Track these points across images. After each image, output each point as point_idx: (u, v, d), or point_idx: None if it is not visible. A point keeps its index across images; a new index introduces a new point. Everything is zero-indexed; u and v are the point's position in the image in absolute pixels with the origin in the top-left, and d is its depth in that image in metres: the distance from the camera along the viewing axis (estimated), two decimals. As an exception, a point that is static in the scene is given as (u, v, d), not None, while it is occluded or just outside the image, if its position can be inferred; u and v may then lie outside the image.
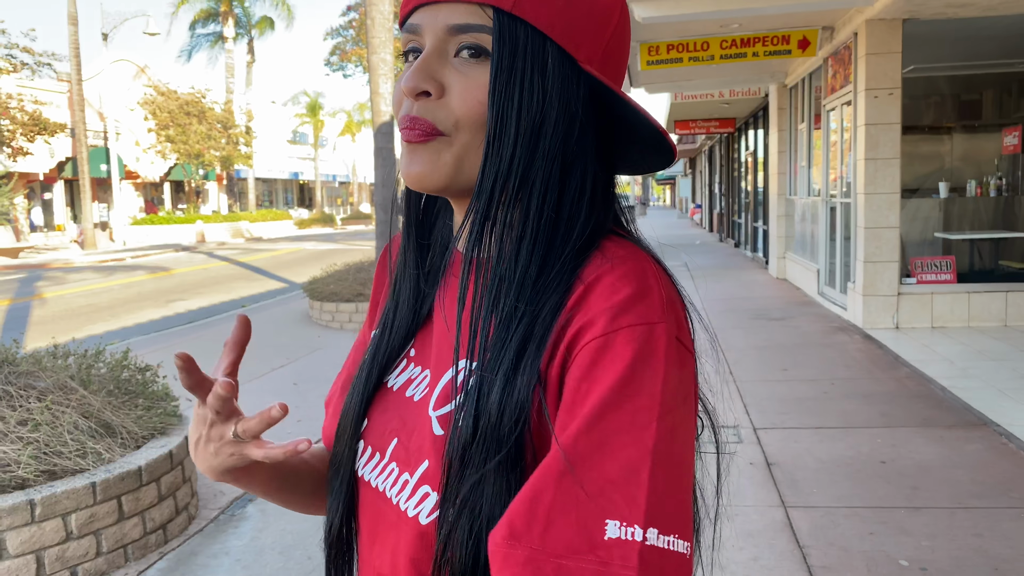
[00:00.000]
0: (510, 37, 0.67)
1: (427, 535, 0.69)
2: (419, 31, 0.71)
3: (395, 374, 0.80)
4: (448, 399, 0.70)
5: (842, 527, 3.47)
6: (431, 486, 0.69)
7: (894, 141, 7.72)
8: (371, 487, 0.76)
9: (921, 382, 5.81)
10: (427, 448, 0.70)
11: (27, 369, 3.89)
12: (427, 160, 0.70)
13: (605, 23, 0.71)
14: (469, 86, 0.69)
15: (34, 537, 3.08)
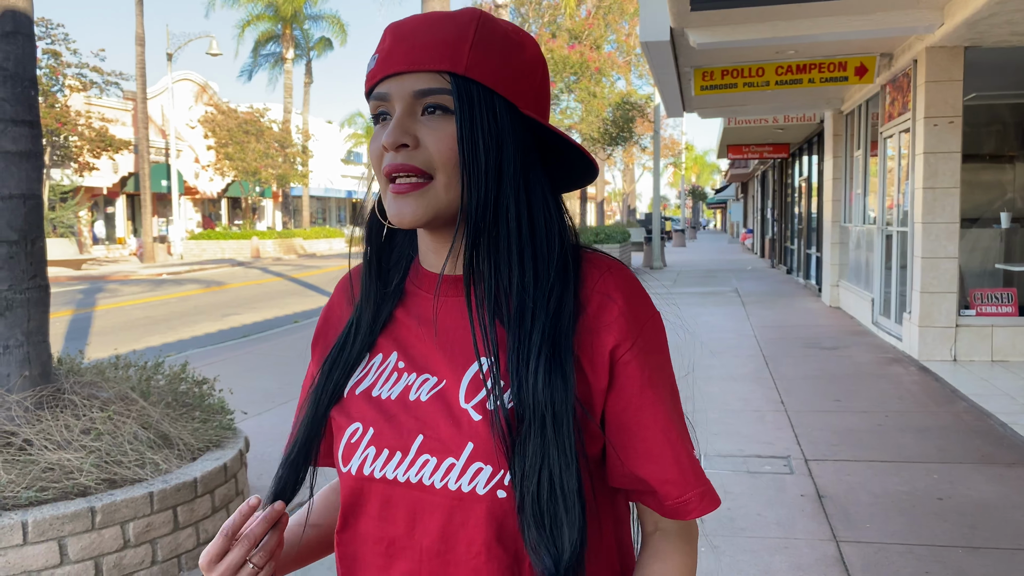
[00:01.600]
0: (467, 94, 0.84)
1: (486, 502, 0.81)
2: (388, 98, 0.87)
3: (385, 386, 0.91)
4: (477, 391, 0.84)
5: (896, 564, 3.39)
6: (482, 461, 0.81)
7: (954, 170, 7.58)
8: (399, 483, 0.85)
9: (980, 417, 5.66)
10: (467, 433, 0.83)
11: (91, 379, 4.02)
12: (416, 204, 0.85)
13: (531, 78, 0.90)
14: (440, 136, 0.85)
15: (93, 544, 3.17)
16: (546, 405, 0.80)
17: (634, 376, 0.86)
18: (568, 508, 0.79)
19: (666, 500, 0.86)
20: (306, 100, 40.03)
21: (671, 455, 0.86)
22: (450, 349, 0.88)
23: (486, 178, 0.85)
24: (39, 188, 3.83)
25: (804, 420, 5.66)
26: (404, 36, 0.86)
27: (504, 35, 0.88)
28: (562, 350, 0.83)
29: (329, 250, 36.97)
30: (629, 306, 0.87)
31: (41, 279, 3.82)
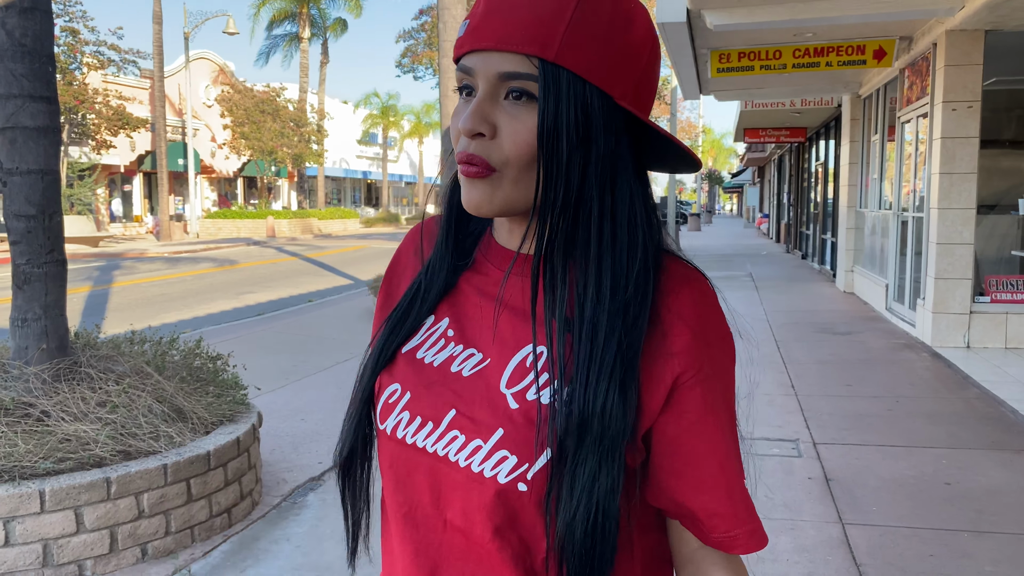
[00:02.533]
0: (554, 84, 0.77)
1: (505, 492, 0.79)
2: (472, 73, 0.80)
3: (430, 350, 0.89)
4: (520, 380, 0.82)
5: (901, 546, 3.41)
6: (509, 450, 0.79)
7: (971, 156, 7.51)
8: (427, 452, 0.84)
9: (991, 404, 5.64)
10: (500, 418, 0.81)
11: (107, 353, 4.08)
12: (483, 193, 0.81)
13: (635, 62, 0.81)
14: (518, 128, 0.79)
15: (109, 513, 3.23)
16: (607, 429, 0.77)
17: (695, 403, 0.81)
18: (606, 531, 0.78)
19: (712, 532, 0.83)
20: (322, 80, 40.03)
21: (724, 489, 0.82)
22: (506, 330, 0.85)
23: (566, 178, 0.79)
24: (56, 164, 3.88)
25: (814, 404, 5.67)
26: (498, 6, 0.79)
27: (611, 11, 0.79)
28: (632, 374, 0.79)
29: (344, 231, 37.08)
30: (702, 330, 0.82)
31: (58, 254, 3.87)
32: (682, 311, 0.82)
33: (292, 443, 4.89)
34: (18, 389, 3.57)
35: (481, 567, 0.82)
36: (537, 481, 0.78)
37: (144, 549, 3.34)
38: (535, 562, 0.81)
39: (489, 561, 0.82)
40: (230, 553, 3.47)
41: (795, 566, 3.24)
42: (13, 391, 3.56)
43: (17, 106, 3.71)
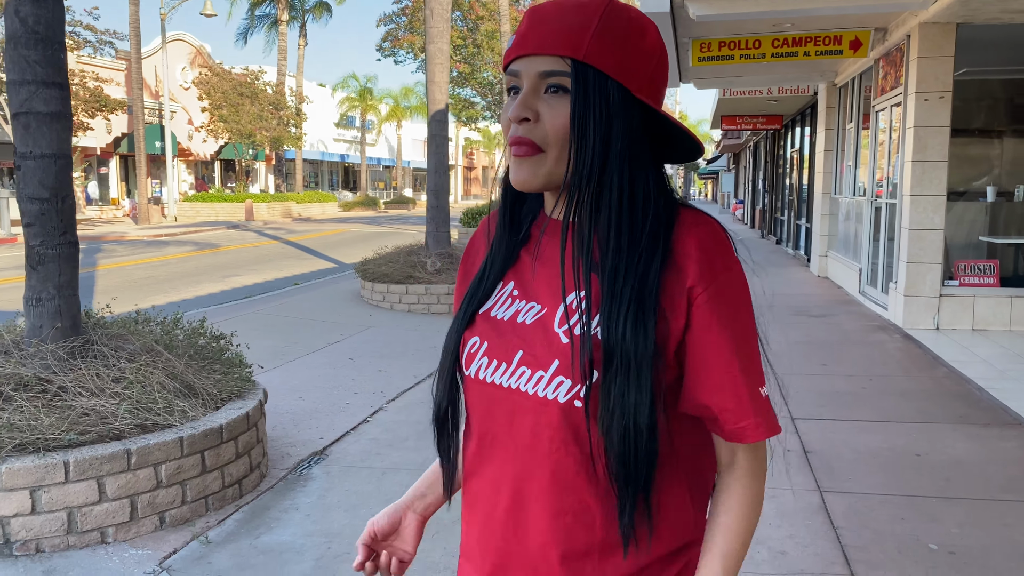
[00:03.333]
0: (583, 79, 0.97)
1: (566, 409, 0.99)
2: (518, 75, 1.01)
3: (501, 308, 1.09)
4: (566, 320, 1.01)
5: (875, 511, 3.66)
6: (564, 376, 0.99)
7: (942, 144, 7.79)
8: (502, 387, 1.04)
9: (959, 382, 5.93)
10: (555, 352, 1.00)
11: (117, 332, 4.22)
12: (529, 170, 1.01)
13: (648, 62, 1.01)
14: (555, 115, 0.99)
15: (129, 484, 3.39)
16: (631, 352, 0.96)
17: (705, 319, 0.99)
18: (639, 438, 0.95)
19: (725, 426, 1.01)
20: (300, 63, 39.77)
21: (731, 388, 0.99)
22: (552, 283, 1.05)
23: (593, 153, 0.98)
24: (68, 148, 4.00)
25: (791, 383, 5.92)
26: (538, 21, 0.99)
27: (627, 22, 0.99)
28: (646, 307, 0.97)
29: (322, 214, 36.97)
30: (708, 260, 1.00)
31: (71, 236, 4.00)
32: (689, 250, 1.00)
33: (292, 420, 5.06)
34: (36, 366, 3.71)
35: (551, 473, 1.01)
36: (590, 399, 0.97)
37: (162, 517, 3.50)
38: (597, 468, 0.99)
39: (556, 467, 1.00)
40: (243, 521, 3.64)
41: (778, 529, 3.48)
42: (31, 368, 3.70)
43: (31, 92, 3.82)
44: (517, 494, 1.04)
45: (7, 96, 3.96)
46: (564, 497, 1.01)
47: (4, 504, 3.17)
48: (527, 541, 1.04)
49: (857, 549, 3.28)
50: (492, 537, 1.08)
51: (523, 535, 1.04)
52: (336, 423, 5.02)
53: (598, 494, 1.01)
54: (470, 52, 21.36)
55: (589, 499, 1.01)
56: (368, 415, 5.19)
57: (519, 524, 1.04)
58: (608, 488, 1.00)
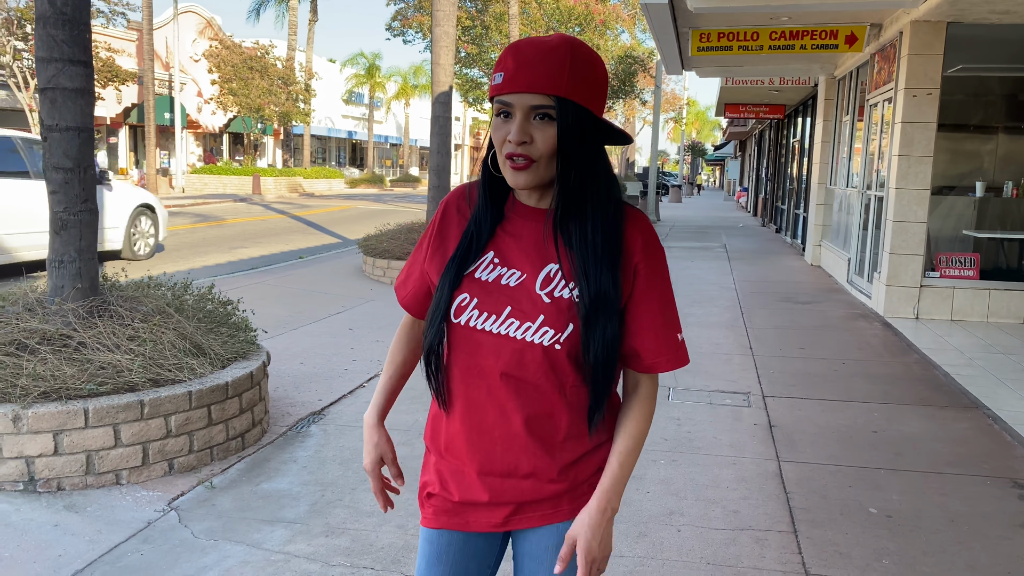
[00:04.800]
0: (564, 110, 1.32)
1: (551, 352, 1.39)
2: (511, 105, 1.34)
3: (484, 272, 1.43)
4: (546, 285, 1.39)
5: (825, 480, 3.97)
6: (548, 326, 1.38)
7: (928, 140, 8.04)
8: (491, 334, 1.41)
9: (927, 368, 6.23)
10: (540, 309, 1.39)
11: (132, 294, 4.54)
12: (525, 178, 1.37)
13: (602, 87, 1.39)
14: (546, 137, 1.34)
15: (142, 431, 3.72)
16: (609, 302, 1.37)
17: (642, 283, 1.42)
18: (611, 361, 1.40)
19: (645, 360, 1.44)
20: (310, 38, 39.88)
21: (653, 333, 1.43)
22: (531, 255, 1.42)
23: (578, 164, 1.36)
24: (91, 122, 4.29)
25: (768, 364, 6.23)
26: (523, 63, 1.32)
27: (587, 60, 1.34)
28: (615, 265, 1.38)
29: (328, 190, 37.24)
30: (646, 243, 1.43)
31: (91, 203, 4.30)
32: (636, 235, 1.42)
33: (293, 383, 5.38)
34: (58, 322, 4.03)
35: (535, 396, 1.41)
36: (566, 343, 1.38)
37: (171, 464, 3.83)
38: (566, 389, 1.41)
39: (539, 392, 1.41)
40: (244, 471, 3.97)
41: (734, 492, 3.79)
42: (53, 324, 4.01)
43: (57, 69, 4.12)
44: (503, 410, 1.43)
45: (36, 72, 4.24)
46: (543, 409, 1.43)
47: (30, 445, 3.50)
48: (514, 441, 1.44)
49: (803, 511, 3.60)
50: (481, 442, 1.46)
51: (512, 438, 1.44)
52: (334, 387, 5.34)
53: (563, 406, 1.43)
54: (478, 33, 21.55)
55: (557, 409, 1.43)
56: (364, 380, 5.51)
57: (507, 431, 1.44)
58: (570, 401, 1.42)
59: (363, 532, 3.30)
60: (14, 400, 3.54)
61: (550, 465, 1.45)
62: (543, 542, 1.50)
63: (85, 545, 3.15)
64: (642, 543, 3.25)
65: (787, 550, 3.22)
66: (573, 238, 1.38)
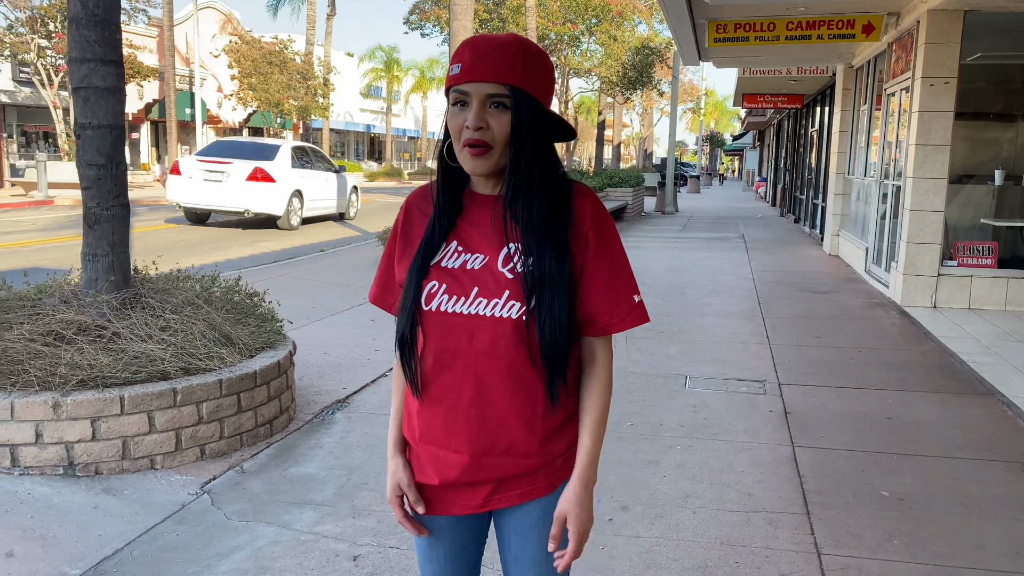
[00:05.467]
0: (517, 99, 1.43)
1: (518, 323, 1.47)
2: (467, 94, 1.44)
3: (450, 260, 1.51)
4: (507, 262, 1.48)
5: (839, 464, 4.06)
6: (514, 300, 1.47)
7: (946, 129, 8.05)
8: (462, 315, 1.48)
9: (943, 355, 6.28)
10: (504, 285, 1.47)
11: (162, 287, 4.68)
12: (483, 163, 1.46)
13: (550, 81, 1.51)
14: (501, 124, 1.44)
15: (175, 418, 3.86)
16: (555, 280, 1.46)
17: (593, 251, 1.51)
18: (562, 334, 1.47)
19: (599, 322, 1.52)
20: (328, 32, 40.03)
21: (606, 297, 1.52)
22: (490, 238, 1.50)
23: (530, 149, 1.45)
24: (122, 120, 4.43)
25: (784, 352, 6.30)
26: (480, 55, 1.42)
27: (537, 57, 1.47)
28: (560, 245, 1.47)
29: (347, 183, 37.40)
30: (594, 215, 1.52)
31: (123, 199, 4.44)
32: (586, 209, 1.52)
33: (318, 372, 5.52)
34: (93, 314, 4.18)
35: (510, 369, 1.49)
36: (532, 314, 1.46)
37: (203, 450, 3.97)
38: (536, 361, 1.48)
39: (513, 365, 1.48)
40: (273, 456, 4.11)
41: (749, 476, 3.89)
42: (89, 315, 4.16)
43: (90, 69, 4.25)
44: (479, 387, 1.49)
45: (68, 71, 4.39)
46: (517, 383, 1.49)
47: (69, 431, 3.65)
48: (490, 418, 1.50)
49: (816, 494, 3.69)
50: (458, 421, 1.52)
51: (487, 414, 1.50)
52: (358, 376, 5.47)
53: (538, 378, 1.49)
54: (495, 26, 21.62)
55: (534, 382, 1.50)
56: (386, 370, 5.64)
57: (483, 408, 1.50)
58: (544, 373, 1.48)
59: (389, 514, 3.42)
60: (53, 388, 3.69)
61: (527, 438, 1.51)
62: (526, 519, 1.58)
63: (124, 526, 3.29)
64: (658, 524, 3.35)
65: (800, 531, 3.31)
66: (521, 218, 1.47)
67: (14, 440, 3.63)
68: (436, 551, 1.66)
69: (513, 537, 1.60)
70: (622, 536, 3.21)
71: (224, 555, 3.08)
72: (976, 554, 3.14)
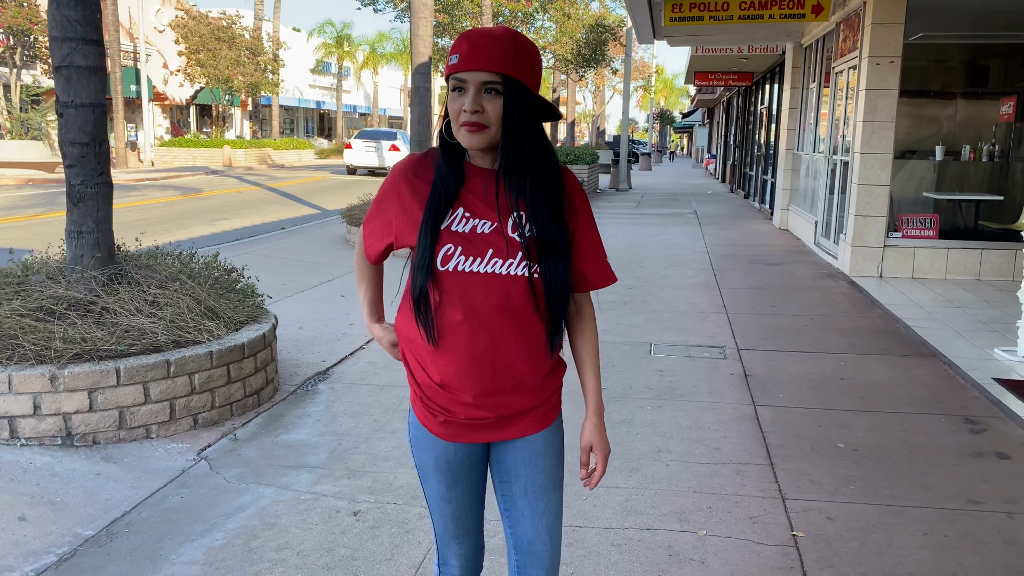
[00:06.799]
0: (508, 85, 1.61)
1: (531, 280, 1.68)
2: (465, 81, 1.62)
3: (459, 225, 1.68)
4: (516, 228, 1.68)
5: (797, 420, 4.36)
6: (526, 260, 1.67)
7: (891, 106, 8.43)
8: (479, 274, 1.67)
9: (890, 321, 6.66)
10: (515, 248, 1.67)
11: (146, 263, 4.77)
12: (479, 139, 1.64)
13: (538, 69, 1.69)
14: (494, 107, 1.62)
15: (169, 389, 3.99)
16: (555, 239, 1.68)
17: (582, 221, 1.78)
18: (564, 285, 1.70)
19: (589, 278, 1.79)
20: (277, 7, 39.39)
21: (595, 257, 1.79)
22: (492, 206, 1.69)
23: (521, 129, 1.64)
24: (103, 98, 4.50)
25: (741, 320, 6.62)
26: (476, 47, 1.60)
27: (525, 47, 1.65)
28: (559, 215, 1.70)
29: (298, 161, 37.04)
30: (579, 187, 1.79)
31: (106, 176, 4.52)
32: (571, 185, 1.77)
33: (296, 346, 5.66)
34: (82, 289, 4.27)
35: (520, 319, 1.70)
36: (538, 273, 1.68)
37: (196, 419, 4.12)
38: (541, 309, 1.71)
39: (523, 316, 1.70)
40: (263, 424, 4.26)
41: (715, 432, 4.17)
42: (77, 291, 4.26)
43: (71, 48, 4.31)
44: (492, 336, 1.69)
45: (50, 51, 4.43)
46: (525, 331, 1.71)
47: (66, 402, 3.77)
48: (503, 361, 1.71)
49: (778, 447, 3.98)
50: (474, 367, 1.71)
51: (501, 359, 1.71)
52: (336, 349, 5.63)
53: (540, 326, 1.73)
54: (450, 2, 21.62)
55: (538, 330, 1.73)
56: (363, 343, 5.81)
57: (496, 354, 1.71)
58: (544, 321, 1.72)
59: (382, 474, 3.63)
60: (50, 361, 3.79)
61: (533, 377, 1.75)
62: (532, 447, 1.81)
63: (128, 490, 3.44)
64: (635, 476, 3.60)
65: (765, 479, 3.60)
66: (519, 190, 1.67)
67: (12, 412, 3.73)
68: (455, 492, 1.84)
69: (522, 467, 1.81)
70: (603, 487, 3.46)
71: (230, 514, 3.25)
72: (922, 495, 3.47)
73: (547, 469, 1.82)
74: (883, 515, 3.28)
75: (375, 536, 3.07)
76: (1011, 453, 3.95)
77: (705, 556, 2.94)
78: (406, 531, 3.10)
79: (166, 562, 2.88)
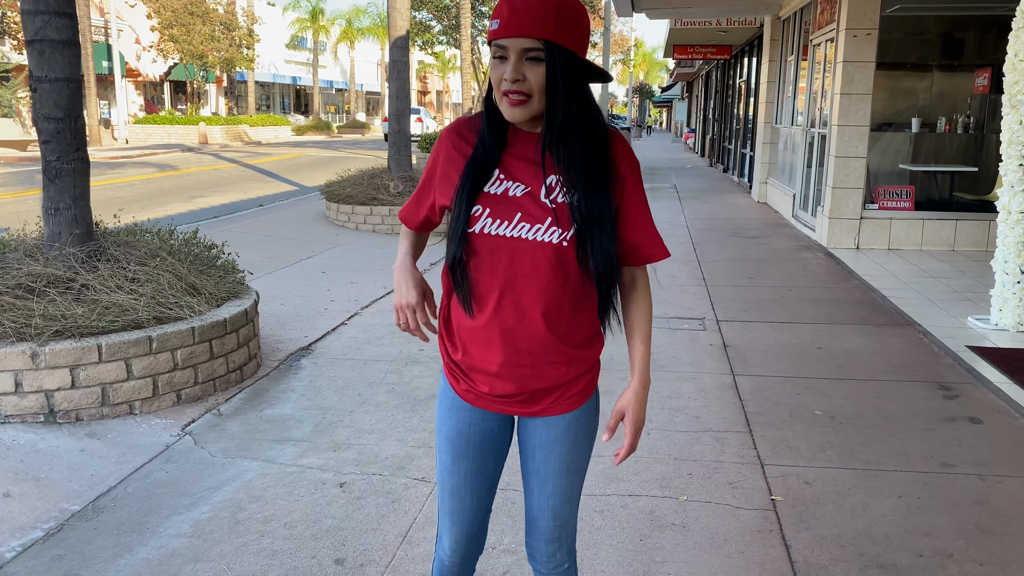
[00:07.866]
0: (551, 52, 1.53)
1: (560, 248, 1.61)
2: (506, 48, 1.55)
3: (493, 187, 1.65)
4: (549, 194, 1.61)
5: (775, 389, 4.43)
6: (556, 227, 1.60)
7: (868, 78, 8.48)
8: (507, 237, 1.63)
9: (867, 292, 6.75)
10: (547, 213, 1.61)
11: (125, 240, 4.75)
12: (521, 111, 1.58)
13: (586, 33, 1.60)
14: (537, 76, 1.55)
15: (151, 365, 3.99)
16: (603, 214, 1.61)
17: (631, 189, 1.68)
18: (611, 258, 1.63)
19: (642, 252, 1.69)
20: (250, -19, 38.81)
21: (646, 228, 1.70)
22: (532, 171, 1.64)
23: (564, 96, 1.57)
24: (78, 72, 4.44)
25: (720, 292, 6.68)
26: (516, 12, 1.52)
27: (572, 9, 1.55)
28: (604, 184, 1.62)
29: (275, 138, 36.72)
30: (629, 158, 1.68)
31: (83, 152, 4.48)
32: (620, 152, 1.66)
33: (278, 322, 5.66)
34: (61, 266, 4.24)
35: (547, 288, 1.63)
36: (572, 241, 1.60)
37: (179, 395, 4.12)
38: (570, 280, 1.64)
39: (550, 284, 1.63)
40: (247, 400, 4.27)
41: (695, 401, 4.23)
42: (56, 268, 4.23)
43: (44, 21, 4.25)
44: (518, 305, 1.66)
45: (22, 24, 4.37)
46: (550, 301, 1.65)
47: (48, 380, 3.76)
48: (525, 333, 1.68)
49: (757, 415, 4.05)
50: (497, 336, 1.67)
51: (525, 327, 1.67)
52: (318, 324, 5.64)
53: (570, 298, 1.66)
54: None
55: (565, 300, 1.66)
56: (346, 319, 5.81)
57: (522, 321, 1.67)
58: (573, 293, 1.65)
59: (367, 446, 3.66)
60: (30, 339, 3.78)
61: (557, 351, 1.68)
62: (552, 431, 1.74)
63: (113, 466, 3.44)
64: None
65: (744, 446, 3.67)
66: (563, 158, 1.59)
67: (-6, 390, 3.72)
68: (459, 466, 1.81)
69: (537, 450, 1.77)
70: (586, 456, 3.51)
71: (216, 488, 3.27)
72: (898, 459, 3.55)
73: (563, 456, 1.76)
74: (859, 479, 3.35)
75: (361, 507, 3.10)
76: (983, 418, 4.04)
77: (686, 521, 3.00)
78: (392, 501, 3.14)
79: (153, 535, 2.90)
